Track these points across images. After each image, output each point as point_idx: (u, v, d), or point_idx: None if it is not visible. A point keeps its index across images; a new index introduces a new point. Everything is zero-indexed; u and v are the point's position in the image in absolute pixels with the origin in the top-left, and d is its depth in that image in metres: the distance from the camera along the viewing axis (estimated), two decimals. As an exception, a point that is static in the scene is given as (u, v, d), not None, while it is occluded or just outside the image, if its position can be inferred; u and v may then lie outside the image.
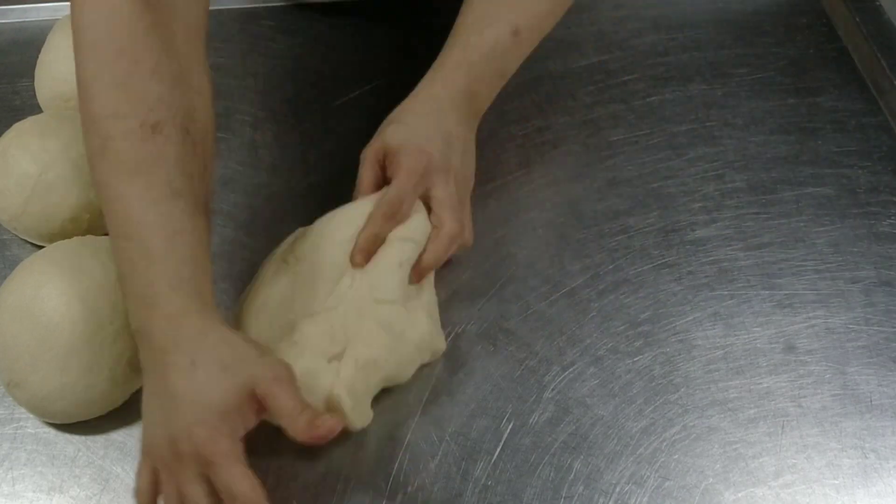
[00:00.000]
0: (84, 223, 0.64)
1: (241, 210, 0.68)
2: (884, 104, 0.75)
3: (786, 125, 0.74)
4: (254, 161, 0.72)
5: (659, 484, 0.54)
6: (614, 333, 0.61)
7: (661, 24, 0.83)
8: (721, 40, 0.81)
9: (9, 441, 0.57)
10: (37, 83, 0.73)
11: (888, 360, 0.59)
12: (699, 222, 0.67)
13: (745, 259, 0.65)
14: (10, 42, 0.83)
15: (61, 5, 0.85)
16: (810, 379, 0.58)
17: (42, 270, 0.56)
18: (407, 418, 0.57)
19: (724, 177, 0.70)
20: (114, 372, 0.55)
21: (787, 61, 0.79)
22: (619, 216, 0.68)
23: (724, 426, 0.56)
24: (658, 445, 0.55)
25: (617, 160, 0.72)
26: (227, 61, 0.80)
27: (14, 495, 0.54)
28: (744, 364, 0.59)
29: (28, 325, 0.54)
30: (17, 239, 0.67)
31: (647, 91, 0.77)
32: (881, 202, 0.68)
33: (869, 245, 0.65)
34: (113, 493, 0.54)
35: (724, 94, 0.76)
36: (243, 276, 0.64)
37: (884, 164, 0.71)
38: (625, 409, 0.57)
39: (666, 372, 0.59)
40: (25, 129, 0.65)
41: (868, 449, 0.55)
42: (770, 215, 0.67)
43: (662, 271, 0.64)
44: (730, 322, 0.61)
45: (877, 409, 0.57)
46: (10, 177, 0.63)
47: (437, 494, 0.54)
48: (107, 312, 0.55)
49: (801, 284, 0.63)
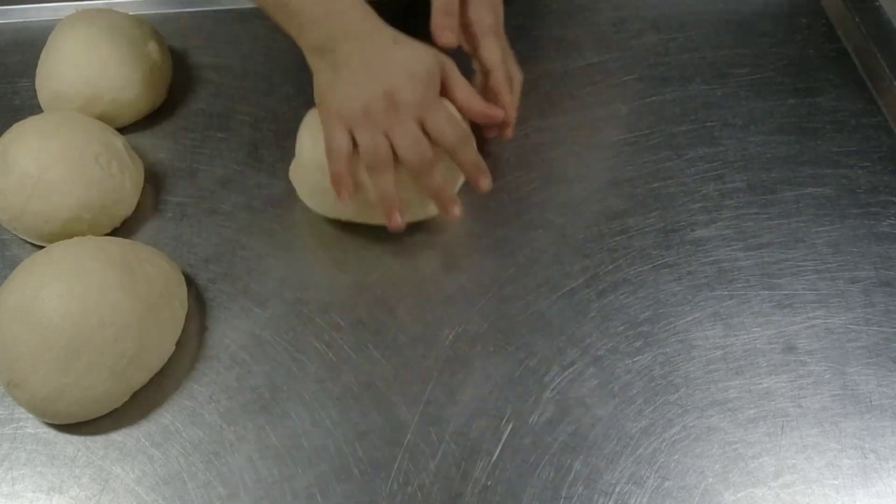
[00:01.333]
0: (84, 223, 0.64)
1: (241, 210, 0.68)
2: (884, 104, 0.75)
3: (786, 125, 0.74)
4: (254, 161, 0.72)
5: (659, 484, 0.54)
6: (614, 333, 0.61)
7: (661, 24, 0.83)
8: (721, 40, 0.81)
9: (9, 441, 0.57)
10: (38, 83, 0.73)
11: (888, 360, 0.59)
12: (699, 222, 0.67)
13: (744, 259, 0.65)
14: (11, 42, 0.83)
15: (61, 5, 0.85)
16: (810, 379, 0.58)
17: (42, 271, 0.56)
18: (407, 418, 0.57)
19: (723, 177, 0.70)
20: (114, 372, 0.55)
21: (787, 61, 0.79)
22: (619, 216, 0.68)
23: (724, 426, 0.56)
24: (658, 446, 0.55)
25: (617, 160, 0.72)
26: (227, 61, 0.80)
27: (14, 495, 0.54)
28: (744, 364, 0.59)
29: (28, 326, 0.54)
30: (17, 239, 0.67)
31: (647, 91, 0.77)
32: (881, 202, 0.68)
33: (869, 245, 0.65)
34: (113, 493, 0.54)
35: (724, 94, 0.76)
36: (243, 275, 0.64)
37: (884, 164, 0.71)
38: (625, 409, 0.57)
39: (666, 372, 0.59)
40: (25, 129, 0.65)
41: (868, 449, 0.55)
42: (770, 215, 0.67)
43: (662, 271, 0.64)
44: (730, 322, 0.61)
45: (877, 410, 0.57)
46: (10, 177, 0.63)
47: (437, 494, 0.54)
48: (107, 312, 0.55)
49: (800, 284, 0.63)
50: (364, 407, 0.57)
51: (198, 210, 0.69)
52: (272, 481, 0.54)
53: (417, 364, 0.59)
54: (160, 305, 0.58)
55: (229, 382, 0.59)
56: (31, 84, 0.74)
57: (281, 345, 0.61)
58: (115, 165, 0.66)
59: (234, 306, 0.63)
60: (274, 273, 0.64)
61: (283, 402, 0.58)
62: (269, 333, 0.61)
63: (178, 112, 0.76)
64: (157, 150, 0.73)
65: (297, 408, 0.57)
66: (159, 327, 0.58)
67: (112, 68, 0.71)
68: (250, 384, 0.59)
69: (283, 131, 0.73)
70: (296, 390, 0.58)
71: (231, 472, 0.55)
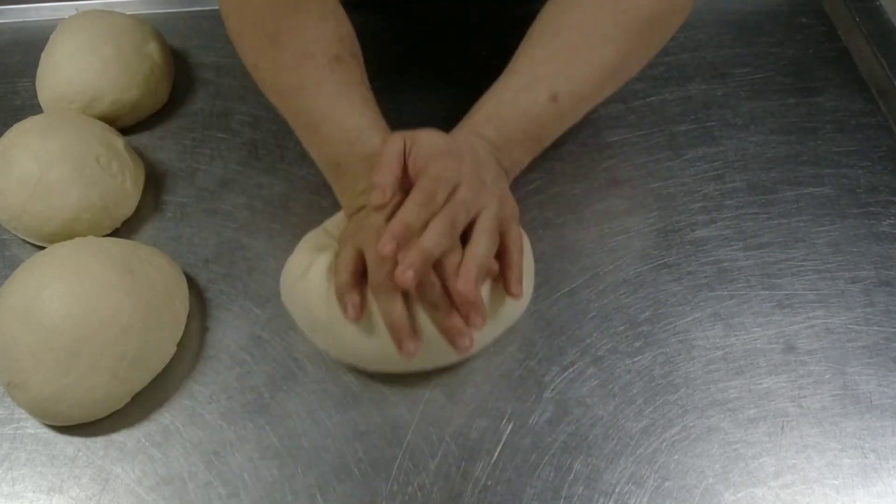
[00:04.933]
0: (84, 223, 0.64)
1: (241, 210, 0.68)
2: (884, 104, 0.75)
3: (786, 125, 0.74)
4: (254, 161, 0.72)
5: (659, 484, 0.54)
6: (614, 333, 0.61)
7: (661, 24, 0.83)
8: (721, 40, 0.81)
9: (9, 441, 0.57)
10: (38, 84, 0.73)
11: (888, 360, 0.59)
12: (699, 222, 0.67)
13: (745, 259, 0.65)
14: (10, 42, 0.83)
15: (61, 5, 0.85)
16: (810, 379, 0.58)
17: (44, 272, 0.56)
18: (407, 418, 0.57)
19: (724, 177, 0.70)
20: (115, 374, 0.55)
21: (787, 61, 0.79)
22: (619, 216, 0.68)
23: (724, 426, 0.56)
24: (658, 446, 0.55)
25: (617, 160, 0.72)
26: (227, 61, 0.80)
27: (14, 495, 0.54)
28: (744, 364, 0.59)
29: (29, 327, 0.54)
30: (17, 239, 0.67)
31: (647, 91, 0.77)
32: (881, 202, 0.68)
33: (869, 245, 0.65)
34: (113, 493, 0.54)
35: (724, 94, 0.76)
36: (243, 276, 0.64)
37: (884, 164, 0.71)
38: (624, 409, 0.57)
39: (666, 372, 0.59)
40: (26, 129, 0.65)
41: (868, 449, 0.55)
42: (770, 215, 0.67)
43: (662, 271, 0.64)
44: (730, 322, 0.61)
45: (877, 409, 0.57)
46: (10, 177, 0.63)
47: (437, 494, 0.54)
48: (108, 314, 0.55)
49: (800, 284, 0.63)
50: (364, 407, 0.57)
51: (198, 210, 0.69)
52: (272, 481, 0.54)
53: (417, 364, 0.59)
54: (161, 307, 0.58)
55: (229, 382, 0.59)
56: (31, 84, 0.74)
57: (281, 345, 0.61)
58: (116, 165, 0.66)
59: (234, 306, 0.63)
60: (274, 273, 0.64)
61: (283, 402, 0.58)
62: (269, 333, 0.61)
63: (179, 112, 0.76)
64: (157, 150, 0.73)
65: (297, 408, 0.57)
66: (160, 328, 0.58)
67: (114, 70, 0.71)
68: (250, 384, 0.59)
69: (283, 131, 0.73)
70: (296, 390, 0.58)
71: (231, 472, 0.55)
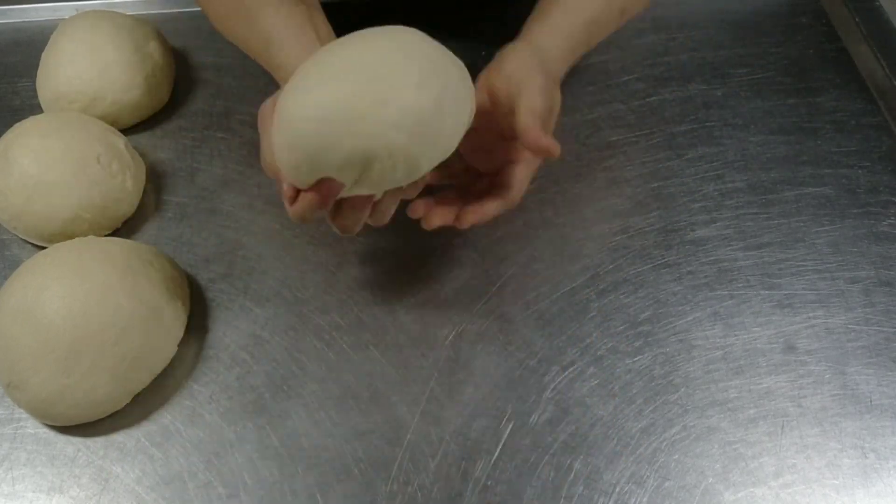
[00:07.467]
0: (84, 223, 0.64)
1: (241, 210, 0.68)
2: (883, 104, 0.75)
3: (786, 125, 0.74)
4: (254, 161, 0.72)
5: (659, 484, 0.54)
6: (614, 333, 0.61)
7: (661, 24, 0.83)
8: (721, 40, 0.81)
9: (9, 441, 0.57)
10: (39, 84, 0.73)
11: (888, 360, 0.59)
12: (699, 222, 0.67)
13: (744, 259, 0.65)
14: (10, 42, 0.83)
15: (61, 5, 0.85)
16: (810, 379, 0.58)
17: (44, 272, 0.56)
18: (407, 418, 0.57)
19: (724, 177, 0.70)
20: (115, 374, 0.55)
21: (787, 61, 0.79)
22: (619, 216, 0.68)
23: (724, 426, 0.56)
24: (658, 445, 0.55)
25: (617, 160, 0.72)
26: (227, 61, 0.80)
27: (14, 495, 0.54)
28: (744, 364, 0.59)
29: (29, 327, 0.54)
30: (18, 239, 0.67)
31: (647, 91, 0.77)
32: (881, 202, 0.68)
33: (869, 245, 0.65)
34: (113, 493, 0.54)
35: (724, 94, 0.76)
36: (243, 276, 0.64)
37: (884, 164, 0.71)
38: (625, 409, 0.57)
39: (666, 372, 0.59)
40: (26, 129, 0.65)
41: (868, 449, 0.55)
42: (770, 215, 0.68)
43: (662, 271, 0.64)
44: (730, 322, 0.61)
45: (877, 409, 0.57)
46: (10, 177, 0.63)
47: (437, 494, 0.54)
48: (109, 315, 0.55)
49: (800, 284, 0.63)
50: (364, 407, 0.57)
51: (198, 210, 0.69)
52: (272, 481, 0.54)
53: (417, 364, 0.59)
54: (162, 307, 0.58)
55: (229, 382, 0.59)
56: (32, 84, 0.74)
57: (281, 345, 0.61)
58: (117, 165, 0.66)
59: (234, 306, 0.63)
60: (274, 273, 0.64)
61: (283, 402, 0.58)
62: (269, 333, 0.61)
63: (179, 112, 0.76)
64: (157, 149, 0.73)
65: (297, 408, 0.57)
66: (161, 329, 0.58)
67: (114, 70, 0.71)
68: (250, 384, 0.59)
69: (283, 131, 0.73)
70: (296, 390, 0.58)
71: (231, 472, 0.55)
